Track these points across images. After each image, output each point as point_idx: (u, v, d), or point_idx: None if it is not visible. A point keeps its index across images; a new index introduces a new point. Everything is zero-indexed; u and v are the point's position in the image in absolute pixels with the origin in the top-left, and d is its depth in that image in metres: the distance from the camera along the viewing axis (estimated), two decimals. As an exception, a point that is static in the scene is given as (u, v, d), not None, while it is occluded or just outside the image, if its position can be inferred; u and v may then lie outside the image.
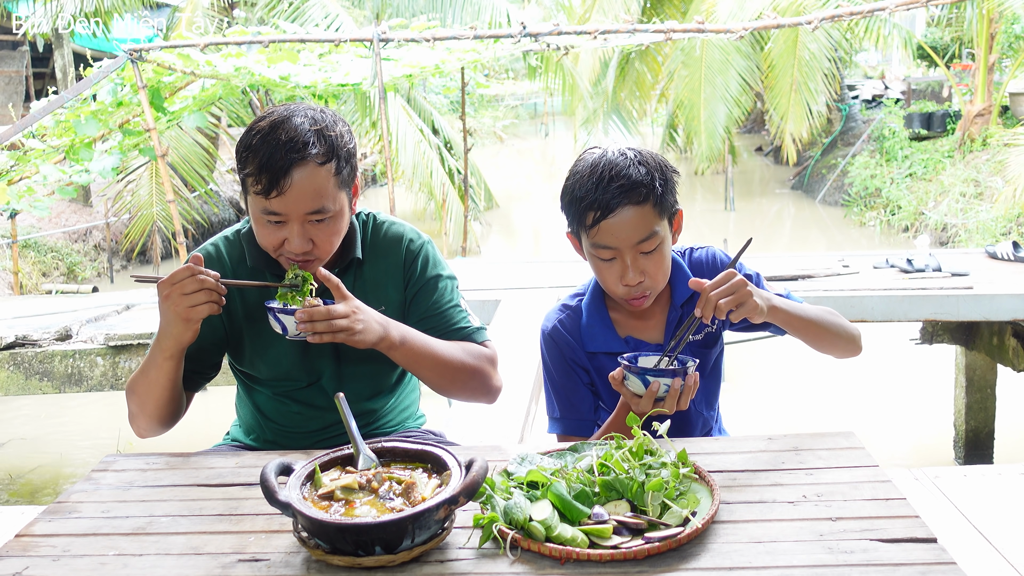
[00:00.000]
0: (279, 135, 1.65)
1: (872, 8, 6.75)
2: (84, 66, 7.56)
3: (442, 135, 12.83)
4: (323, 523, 1.23)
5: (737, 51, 12.20)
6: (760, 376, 6.31)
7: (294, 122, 1.66)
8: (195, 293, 1.60)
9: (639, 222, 1.69)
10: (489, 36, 6.93)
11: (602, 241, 1.71)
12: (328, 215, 1.70)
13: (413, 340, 1.73)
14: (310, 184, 1.65)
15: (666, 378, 1.59)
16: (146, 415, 1.77)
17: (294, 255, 1.71)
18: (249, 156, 1.66)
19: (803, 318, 1.73)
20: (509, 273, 5.24)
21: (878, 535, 1.26)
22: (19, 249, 9.29)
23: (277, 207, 1.66)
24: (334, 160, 1.69)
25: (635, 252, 1.71)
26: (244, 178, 1.70)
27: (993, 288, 4.07)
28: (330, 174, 1.68)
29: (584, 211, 1.71)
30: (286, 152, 1.63)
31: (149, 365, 1.71)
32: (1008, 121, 12.41)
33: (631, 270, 1.71)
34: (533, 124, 32.01)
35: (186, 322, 1.62)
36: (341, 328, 1.60)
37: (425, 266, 1.87)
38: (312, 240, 1.70)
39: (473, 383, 1.83)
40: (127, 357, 4.18)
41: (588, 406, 1.87)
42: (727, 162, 14.37)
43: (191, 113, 7.53)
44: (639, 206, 1.68)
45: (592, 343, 1.84)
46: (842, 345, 1.81)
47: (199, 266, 1.62)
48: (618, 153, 1.72)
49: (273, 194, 1.64)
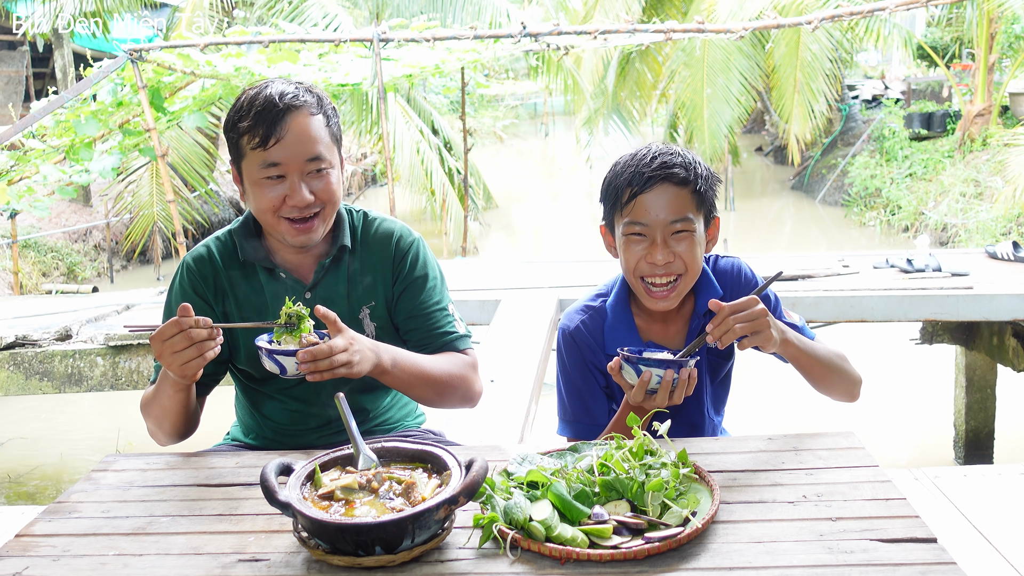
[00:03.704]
0: (268, 92, 1.71)
1: (872, 8, 6.74)
2: (84, 66, 7.56)
3: (442, 135, 12.82)
4: (323, 523, 1.23)
5: (739, 51, 12.19)
6: (760, 376, 6.31)
7: (277, 84, 1.74)
8: (186, 350, 1.56)
9: (675, 202, 1.69)
10: (489, 36, 6.92)
11: (636, 217, 1.71)
12: (324, 165, 1.73)
13: (403, 362, 1.74)
14: (306, 130, 1.70)
15: (658, 368, 1.58)
16: (165, 433, 1.79)
17: (296, 210, 1.71)
18: (241, 116, 1.70)
19: (811, 357, 1.73)
20: (509, 273, 5.23)
21: (878, 535, 1.26)
22: (19, 249, 9.29)
23: (277, 156, 1.69)
24: (322, 113, 1.74)
25: (667, 232, 1.70)
26: (238, 140, 1.71)
27: (993, 288, 4.07)
28: (322, 124, 1.73)
29: (621, 188, 1.72)
30: (279, 100, 1.69)
31: (160, 394, 1.72)
32: (1008, 121, 12.41)
33: (660, 250, 1.70)
34: (533, 124, 31.99)
35: (183, 377, 1.62)
36: (342, 363, 1.59)
37: (415, 264, 1.87)
38: (313, 193, 1.72)
39: (458, 393, 1.84)
40: (127, 357, 4.17)
41: (603, 411, 1.85)
42: (727, 162, 14.37)
43: (191, 113, 7.53)
44: (677, 186, 1.69)
45: (614, 345, 1.82)
46: (842, 389, 1.81)
47: (188, 316, 1.56)
48: (663, 145, 1.75)
49: (272, 142, 1.68)
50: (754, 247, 11.87)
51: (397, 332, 1.89)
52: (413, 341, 1.86)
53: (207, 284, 1.83)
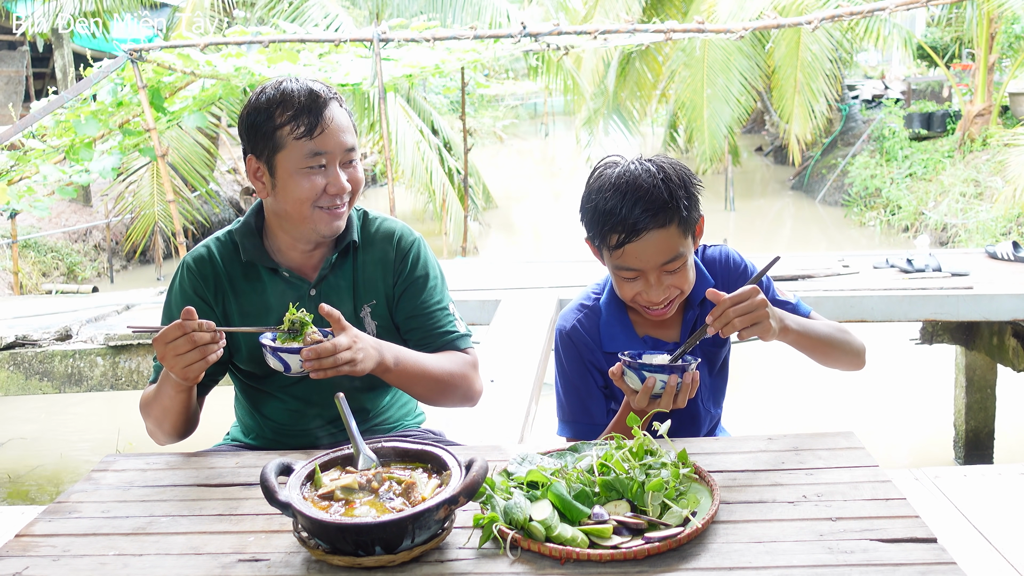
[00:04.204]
0: (297, 85, 1.74)
1: (872, 8, 6.74)
2: (84, 66, 7.57)
3: (442, 135, 12.82)
4: (323, 523, 1.23)
5: (739, 51, 12.19)
6: (760, 376, 6.30)
7: (293, 79, 1.77)
8: (188, 353, 1.57)
9: (665, 245, 1.66)
10: (489, 36, 6.93)
11: (626, 263, 1.69)
12: (356, 155, 1.79)
13: (405, 360, 1.74)
14: (344, 120, 1.76)
15: (662, 374, 1.58)
16: (164, 433, 1.80)
17: (334, 198, 1.75)
18: (279, 108, 1.72)
19: (812, 338, 1.73)
20: (509, 273, 5.23)
21: (878, 535, 1.26)
22: (19, 249, 9.29)
23: (323, 145, 1.72)
24: (344, 106, 1.79)
25: (659, 272, 1.69)
26: (275, 132, 1.72)
27: (993, 288, 4.07)
28: (349, 116, 1.79)
29: (608, 231, 1.68)
30: (317, 92, 1.73)
31: (161, 394, 1.72)
32: (1008, 121, 12.40)
33: (655, 289, 1.70)
34: (533, 124, 31.98)
35: (185, 380, 1.63)
36: (345, 361, 1.59)
37: (415, 263, 1.88)
38: (348, 181, 1.76)
39: (459, 391, 1.85)
40: (127, 357, 4.17)
41: (601, 411, 1.85)
42: (727, 162, 14.37)
43: (191, 113, 7.53)
44: (665, 228, 1.65)
45: (611, 343, 1.82)
46: (847, 361, 1.82)
47: (192, 320, 1.57)
48: (642, 169, 1.67)
49: (318, 131, 1.71)
50: (754, 247, 11.87)
51: (398, 331, 1.89)
52: (414, 340, 1.86)
53: (207, 284, 1.83)
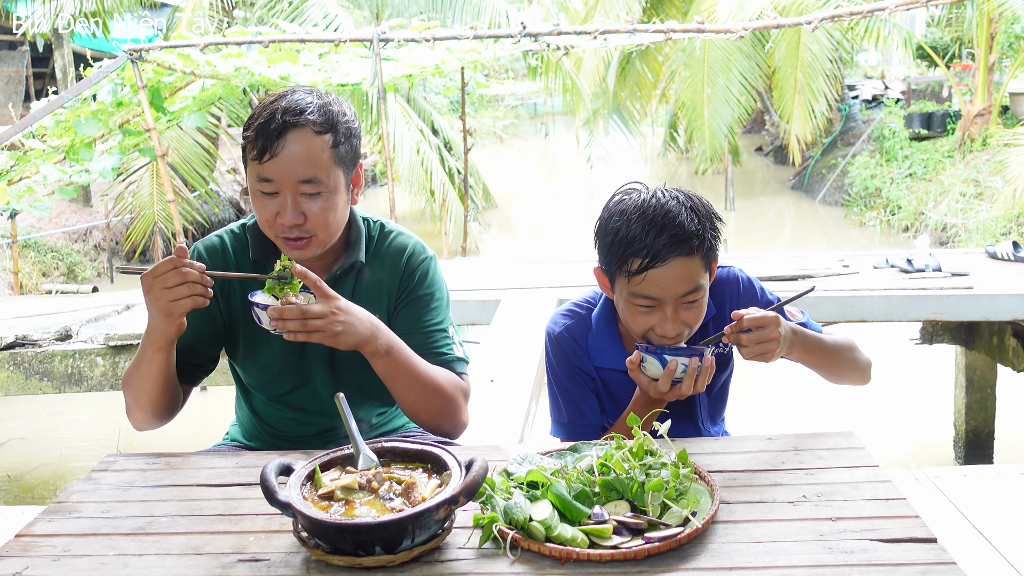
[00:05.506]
0: (280, 103, 1.67)
1: (872, 8, 6.74)
2: (84, 66, 7.56)
3: (442, 135, 12.82)
4: (323, 523, 1.23)
5: (739, 51, 12.19)
6: (760, 376, 6.30)
7: (297, 94, 1.70)
8: (177, 287, 1.57)
9: (687, 275, 1.62)
10: (489, 36, 6.92)
11: (645, 291, 1.63)
12: (321, 188, 1.68)
13: (399, 353, 1.70)
14: (303, 150, 1.65)
15: (683, 356, 1.58)
16: (141, 408, 1.76)
17: (286, 228, 1.68)
18: (251, 123, 1.68)
19: (817, 357, 1.73)
20: (509, 273, 5.23)
21: (878, 535, 1.26)
22: (19, 249, 9.28)
23: (270, 172, 1.65)
24: (332, 133, 1.68)
25: (677, 304, 1.64)
26: (244, 148, 1.70)
27: (993, 288, 4.08)
28: (326, 146, 1.68)
29: (629, 255, 1.62)
30: (282, 115, 1.65)
31: (141, 358, 1.70)
32: (1008, 121, 12.41)
33: (671, 322, 1.65)
34: (533, 124, 31.97)
35: (168, 316, 1.60)
36: (315, 328, 1.57)
37: (422, 281, 1.84)
38: (304, 215, 1.67)
39: (445, 412, 1.77)
40: (127, 357, 4.17)
41: (595, 411, 1.85)
42: (727, 162, 14.38)
43: (191, 113, 7.53)
44: (689, 257, 1.61)
45: (600, 359, 1.81)
46: (852, 379, 1.82)
47: (183, 258, 1.58)
48: (669, 196, 1.64)
49: (266, 157, 1.65)
50: (754, 247, 11.87)
51: None
52: None
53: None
